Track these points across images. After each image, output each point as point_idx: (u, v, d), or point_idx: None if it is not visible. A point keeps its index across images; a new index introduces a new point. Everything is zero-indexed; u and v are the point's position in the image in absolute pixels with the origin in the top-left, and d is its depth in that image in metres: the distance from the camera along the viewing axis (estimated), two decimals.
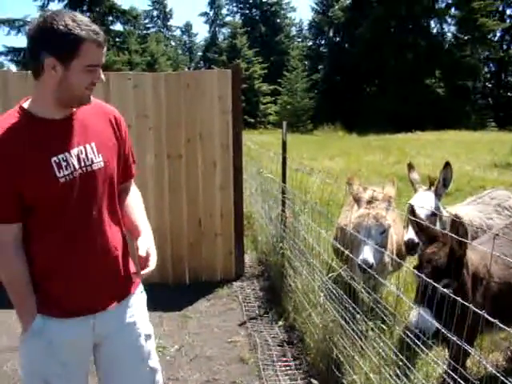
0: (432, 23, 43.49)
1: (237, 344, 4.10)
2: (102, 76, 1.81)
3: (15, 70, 17.77)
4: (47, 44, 1.68)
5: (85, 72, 1.74)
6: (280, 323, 4.38)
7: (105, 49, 1.77)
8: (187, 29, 68.79)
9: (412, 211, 2.84)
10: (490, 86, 45.19)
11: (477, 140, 22.51)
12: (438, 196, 3.74)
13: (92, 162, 1.86)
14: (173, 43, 64.47)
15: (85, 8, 37.45)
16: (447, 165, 3.76)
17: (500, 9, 43.66)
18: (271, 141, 16.62)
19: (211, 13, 62.37)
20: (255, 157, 7.94)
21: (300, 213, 4.50)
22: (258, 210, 6.73)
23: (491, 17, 40.90)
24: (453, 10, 42.24)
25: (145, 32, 54.66)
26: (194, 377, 3.64)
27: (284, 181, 4.97)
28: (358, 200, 3.70)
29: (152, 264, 1.94)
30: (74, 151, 1.82)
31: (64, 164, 1.79)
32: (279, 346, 4.03)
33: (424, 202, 3.61)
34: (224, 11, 61.93)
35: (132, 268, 2.06)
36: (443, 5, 42.35)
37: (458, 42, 41.99)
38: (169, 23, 65.62)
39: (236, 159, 5.27)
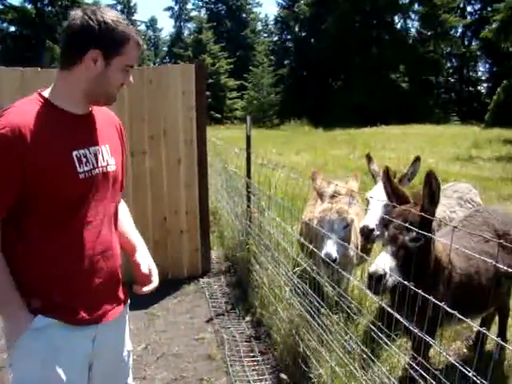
0: (396, 19, 44.18)
1: (204, 341, 4.09)
2: (132, 79, 1.80)
3: None
4: (97, 36, 1.65)
5: (122, 71, 1.73)
6: (247, 319, 4.38)
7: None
8: (152, 24, 68.20)
9: (386, 173, 2.80)
10: (452, 80, 46.12)
11: (440, 134, 22.97)
12: None
13: (108, 163, 1.81)
14: None
15: (46, 1, 36.71)
16: (418, 159, 3.80)
17: (461, 6, 44.62)
18: (238, 136, 16.59)
19: (176, 7, 62.04)
20: (221, 152, 7.91)
21: (265, 208, 4.50)
22: (224, 206, 6.72)
23: (453, 13, 41.74)
24: (416, 5, 42.93)
25: None
26: (162, 375, 3.61)
27: (249, 176, 4.96)
28: (321, 194, 3.72)
29: (155, 279, 1.94)
30: (93, 149, 1.76)
31: (84, 160, 1.72)
32: (246, 341, 4.03)
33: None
34: (189, 6, 61.95)
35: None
36: (407, 0, 42.98)
37: (421, 37, 42.72)
38: (133, 18, 64.86)
39: (201, 155, 5.23)
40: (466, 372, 1.66)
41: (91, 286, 1.77)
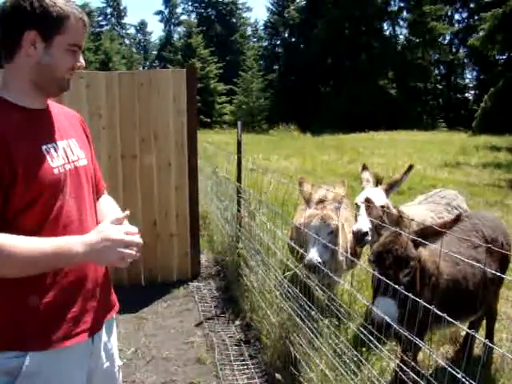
0: (385, 25, 44.63)
1: (194, 344, 4.08)
2: (82, 61, 1.63)
3: None
4: (29, 15, 1.49)
5: (67, 52, 1.56)
6: (237, 323, 4.38)
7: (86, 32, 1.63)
8: (142, 27, 68.16)
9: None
10: (440, 87, 46.54)
11: (428, 140, 23.19)
12: (387, 193, 3.78)
13: (78, 157, 1.67)
14: (127, 42, 63.71)
15: None
16: (411, 168, 3.84)
17: (449, 14, 45.14)
18: (227, 140, 16.65)
19: (166, 11, 61.97)
20: (211, 157, 7.93)
21: (255, 212, 4.52)
22: (214, 210, 6.72)
23: (441, 21, 42.20)
24: (405, 13, 43.39)
25: (98, 30, 53.87)
26: (151, 379, 3.60)
27: (239, 180, 4.98)
28: (308, 200, 3.74)
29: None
30: (60, 144, 1.61)
31: (55, 154, 1.56)
32: (236, 345, 4.03)
33: (373, 197, 3.63)
34: (179, 10, 61.75)
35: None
36: (395, 8, 43.42)
37: (409, 44, 43.12)
38: (123, 21, 64.86)
39: (191, 159, 5.24)
40: (456, 374, 1.69)
41: (79, 292, 1.61)
